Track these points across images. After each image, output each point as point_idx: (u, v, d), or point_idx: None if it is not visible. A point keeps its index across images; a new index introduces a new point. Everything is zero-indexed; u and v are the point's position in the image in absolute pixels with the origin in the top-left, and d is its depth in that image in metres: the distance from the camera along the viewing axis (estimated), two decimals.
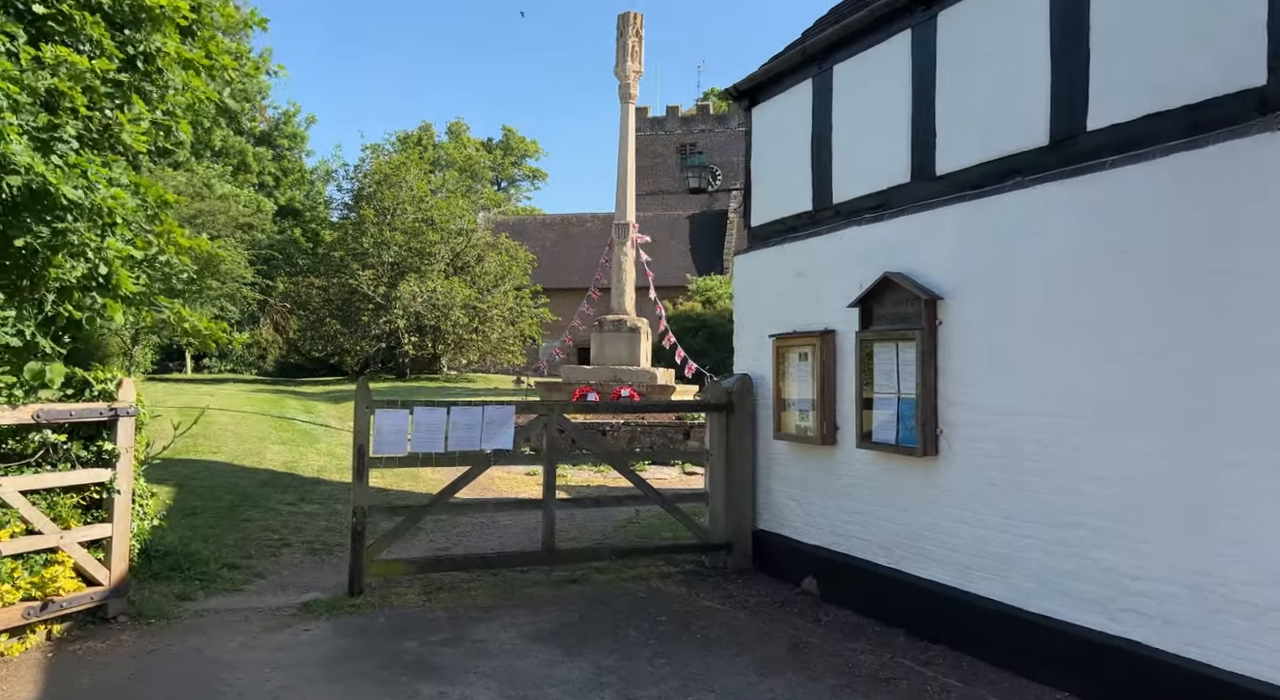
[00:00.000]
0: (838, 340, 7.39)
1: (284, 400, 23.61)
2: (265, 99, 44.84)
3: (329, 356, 41.45)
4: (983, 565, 5.87)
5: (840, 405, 7.34)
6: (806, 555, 7.70)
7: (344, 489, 11.30)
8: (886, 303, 6.76)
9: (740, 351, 8.94)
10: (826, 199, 7.75)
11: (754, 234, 8.93)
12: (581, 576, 7.96)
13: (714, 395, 8.49)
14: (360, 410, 7.44)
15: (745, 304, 8.92)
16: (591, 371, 16.11)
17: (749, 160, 9.04)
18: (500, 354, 40.13)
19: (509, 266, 40.56)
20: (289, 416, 18.32)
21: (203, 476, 11.20)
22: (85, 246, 5.87)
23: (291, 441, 14.47)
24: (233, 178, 39.64)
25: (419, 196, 39.22)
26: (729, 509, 8.35)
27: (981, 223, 5.98)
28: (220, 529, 9.00)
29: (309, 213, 45.28)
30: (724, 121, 66.96)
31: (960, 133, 6.28)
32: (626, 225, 16.62)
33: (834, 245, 7.51)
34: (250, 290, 34.39)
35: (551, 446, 8.03)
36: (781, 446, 8.09)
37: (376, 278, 37.36)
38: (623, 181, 16.72)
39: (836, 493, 7.36)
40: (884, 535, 6.80)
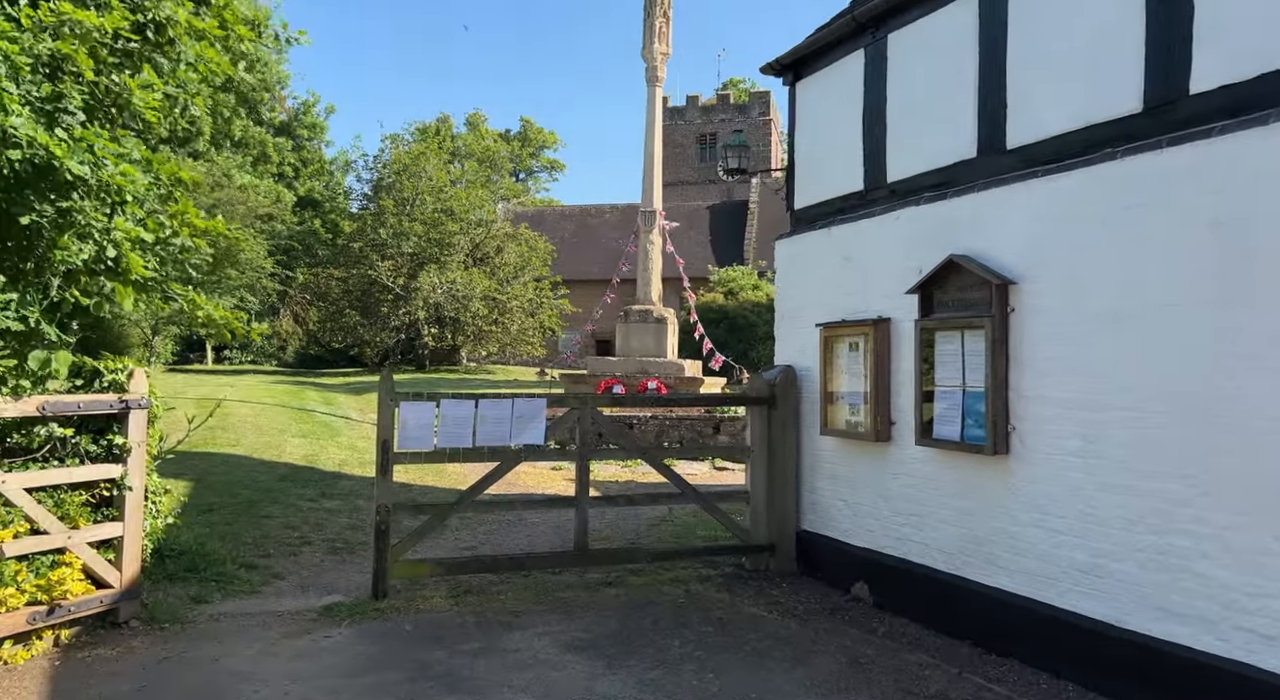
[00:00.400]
0: (892, 329, 6.89)
1: (304, 392, 23.33)
2: (284, 89, 44.62)
3: (349, 348, 41.32)
4: (1062, 575, 5.37)
5: (896, 399, 6.85)
6: (856, 559, 7.23)
7: (366, 484, 10.92)
8: (950, 288, 6.26)
9: (782, 342, 8.47)
10: (880, 178, 7.25)
11: (797, 217, 8.44)
12: (616, 579, 7.53)
13: (755, 388, 8.02)
14: (384, 403, 7.03)
15: (787, 291, 8.44)
16: (617, 363, 15.67)
17: (792, 139, 8.54)
18: (520, 346, 39.82)
19: (528, 257, 40.21)
20: (309, 408, 18.00)
21: (220, 471, 10.84)
22: (91, 227, 5.46)
23: (312, 434, 14.12)
24: (252, 168, 39.41)
25: (438, 187, 38.88)
26: (771, 509, 7.89)
27: (1061, 199, 5.47)
28: (238, 526, 8.62)
29: (328, 203, 45.02)
30: (745, 111, 66.33)
31: (1036, 102, 5.76)
32: (653, 213, 16.14)
33: (889, 227, 7.01)
34: (270, 281, 34.15)
35: (584, 442, 7.59)
36: (829, 443, 7.62)
37: (396, 269, 37.07)
38: (649, 167, 16.23)
39: (891, 493, 6.88)
40: (945, 539, 6.32)
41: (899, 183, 7.03)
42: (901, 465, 6.78)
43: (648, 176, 16.22)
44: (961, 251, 6.16)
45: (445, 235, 37.61)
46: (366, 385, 28.46)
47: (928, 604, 6.44)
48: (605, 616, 6.53)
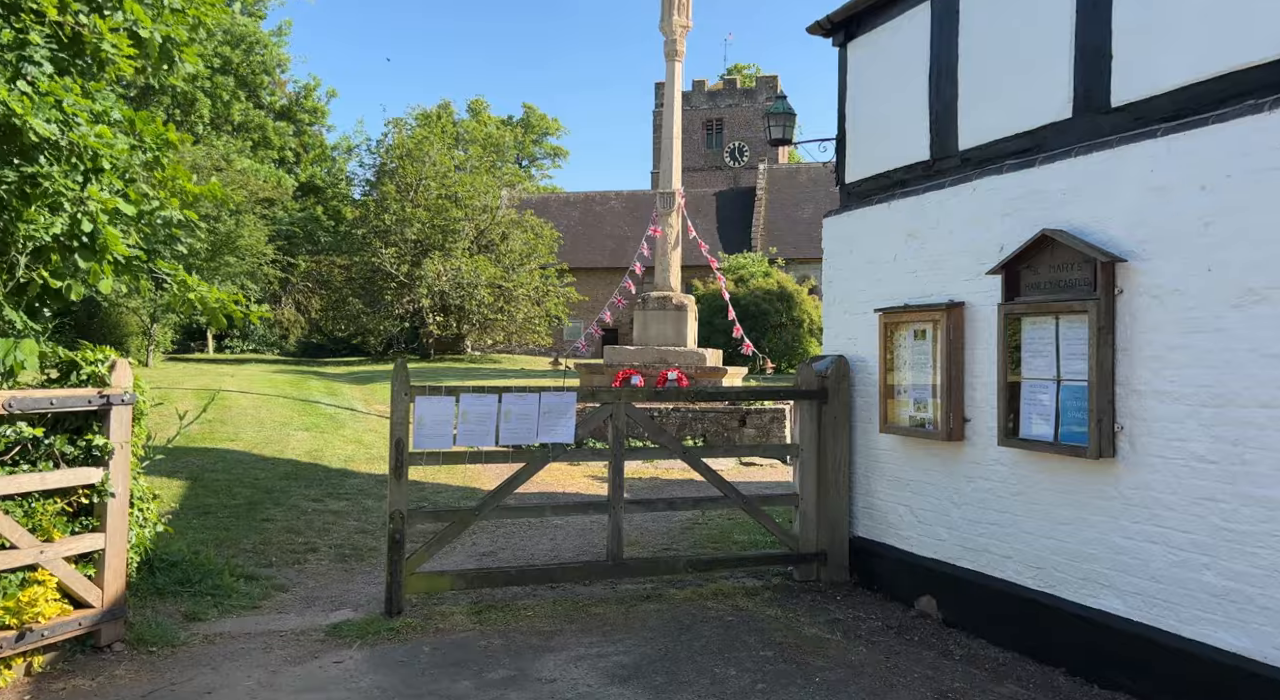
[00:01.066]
0: (968, 314, 6.14)
1: (306, 381, 22.60)
2: (285, 73, 43.73)
3: (352, 336, 40.66)
4: (1187, 599, 4.64)
5: (971, 394, 6.11)
6: (922, 570, 6.51)
7: (374, 482, 10.21)
8: (1041, 267, 5.50)
9: (831, 330, 7.72)
10: (949, 145, 6.48)
11: (848, 192, 7.68)
12: (654, 592, 6.81)
13: (804, 380, 7.27)
14: (398, 397, 6.30)
15: (838, 274, 7.68)
16: (635, 352, 14.93)
17: (842, 106, 7.76)
18: (526, 334, 39.09)
19: (534, 245, 39.43)
20: (312, 399, 17.28)
21: (218, 468, 10.12)
22: (62, 196, 4.73)
23: (316, 427, 13.40)
24: (253, 153, 38.57)
25: (442, 172, 38.09)
26: (822, 513, 7.16)
27: (1187, 162, 4.71)
28: (237, 531, 7.91)
29: (330, 189, 44.20)
30: (751, 96, 65.33)
31: (1150, 50, 4.99)
32: (672, 194, 15.36)
33: (962, 199, 6.25)
34: (271, 268, 33.38)
35: (618, 440, 6.86)
36: (889, 442, 6.88)
37: (399, 256, 36.30)
38: (668, 146, 15.45)
39: (965, 498, 6.15)
40: (1033, 552, 5.59)
41: (973, 150, 6.26)
42: (978, 467, 6.04)
43: (666, 156, 15.44)
44: (1056, 225, 5.41)
45: (450, 222, 36.83)
46: (371, 375, 27.76)
47: (1010, 624, 5.71)
48: (648, 637, 5.81)
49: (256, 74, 40.00)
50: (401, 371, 6.38)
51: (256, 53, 39.57)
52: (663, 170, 15.44)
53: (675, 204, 15.42)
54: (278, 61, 41.66)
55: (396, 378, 6.36)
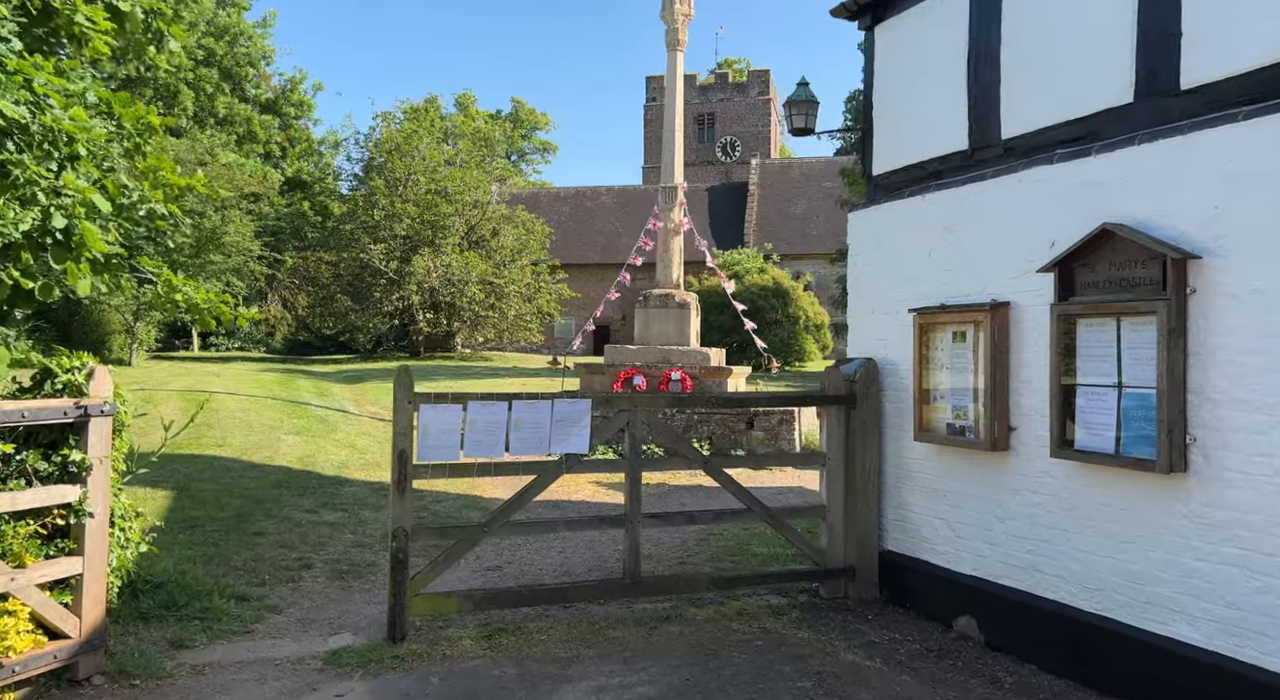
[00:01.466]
0: (1014, 315, 5.74)
1: (295, 381, 22.07)
2: (270, 65, 43.00)
3: (340, 334, 40.08)
4: (1274, 628, 4.25)
5: (1017, 400, 5.71)
6: (961, 588, 6.10)
7: (370, 490, 9.74)
8: (1099, 265, 5.10)
9: (858, 331, 7.30)
10: (991, 133, 6.07)
11: (877, 184, 7.26)
12: (674, 612, 6.38)
13: (832, 384, 6.85)
14: (401, 406, 5.84)
15: (865, 271, 7.27)
16: (637, 352, 14.49)
17: (869, 93, 7.34)
18: (517, 331, 38.60)
19: (526, 240, 38.92)
20: (302, 401, 16.76)
21: (206, 477, 9.62)
22: (35, 186, 4.25)
23: (307, 431, 12.90)
24: (238, 147, 37.87)
25: (432, 166, 37.52)
26: (850, 525, 6.75)
27: (1270, 149, 4.31)
28: (226, 546, 7.43)
29: (317, 184, 43.52)
30: (743, 90, 64.91)
31: (1227, 27, 4.59)
32: (675, 188, 14.91)
33: (1006, 192, 5.84)
34: (257, 264, 32.76)
35: (636, 450, 6.42)
36: (924, 450, 6.47)
37: (388, 252, 35.74)
38: (669, 139, 15.00)
39: (1010, 512, 5.75)
40: (1089, 573, 5.19)
41: (1018, 139, 5.85)
42: (1025, 480, 5.64)
43: (668, 149, 14.99)
44: (1116, 219, 5.00)
45: (439, 217, 36.28)
46: (360, 374, 27.23)
47: (1063, 649, 5.32)
48: (673, 666, 5.39)
49: (241, 66, 39.25)
50: (404, 378, 5.92)
51: (240, 45, 38.84)
52: (664, 163, 14.99)
53: (677, 198, 14.98)
54: (262, 53, 40.92)
55: (399, 385, 5.91)
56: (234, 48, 38.64)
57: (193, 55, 36.36)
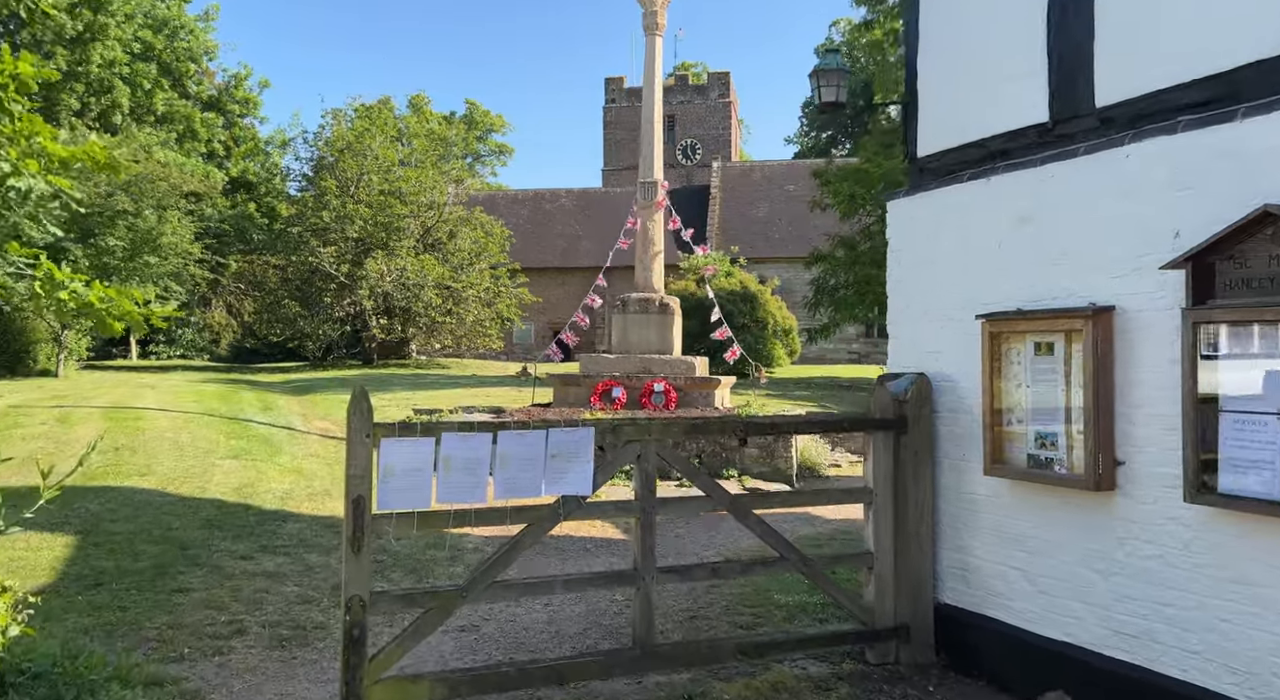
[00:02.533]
0: (1121, 322, 4.66)
1: (237, 393, 20.45)
2: (213, 61, 40.99)
3: (288, 341, 38.31)
4: None
5: (1128, 429, 4.63)
6: (1046, 655, 5.01)
7: (319, 527, 8.39)
8: (1256, 258, 4.03)
9: (902, 340, 6.19)
10: (1080, 101, 4.99)
11: (922, 167, 6.16)
12: (695, 690, 5.17)
13: (879, 406, 5.72)
14: (357, 440, 4.59)
15: (909, 272, 6.16)
16: (615, 361, 13.29)
17: (911, 61, 6.25)
18: (476, 338, 37.15)
19: (485, 243, 37.50)
20: (243, 417, 15.25)
21: (121, 516, 8.16)
22: None
23: (246, 453, 11.46)
24: (178, 145, 35.87)
25: (385, 166, 35.93)
26: (902, 575, 5.63)
27: None
28: (138, 609, 6.06)
29: (264, 185, 41.58)
30: (704, 92, 64.06)
31: None
32: (655, 184, 13.75)
33: (1107, 171, 4.77)
34: (198, 268, 30.90)
35: (648, 490, 5.23)
36: (994, 486, 5.37)
37: (339, 255, 34.05)
38: (649, 130, 13.85)
39: (1117, 566, 4.66)
40: (1239, 651, 4.11)
41: (1120, 106, 4.77)
42: (1140, 527, 4.55)
43: (646, 141, 13.84)
44: (1274, 199, 3.93)
45: (393, 218, 34.69)
46: (309, 383, 25.64)
47: None
48: None
49: (181, 61, 37.20)
50: (361, 405, 4.67)
51: (181, 39, 36.82)
52: (642, 157, 13.84)
53: (657, 195, 13.82)
54: (205, 49, 38.90)
55: (355, 413, 4.65)
56: (174, 42, 36.59)
57: (129, 48, 34.30)
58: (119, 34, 33.06)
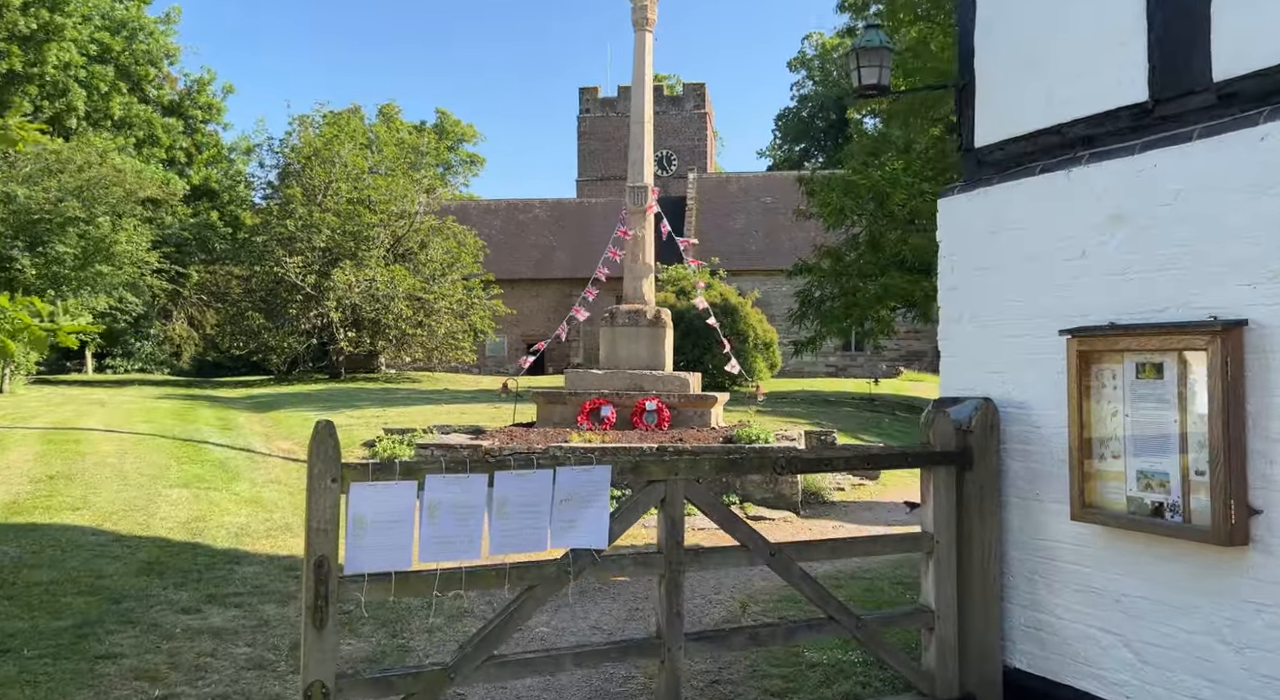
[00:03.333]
0: (1253, 339, 3.85)
1: (194, 411, 19.27)
2: (174, 65, 39.60)
3: (252, 354, 37.00)
4: None
5: (1267, 468, 3.81)
6: None
7: (278, 571, 7.37)
8: None
9: (960, 359, 5.36)
10: (1191, 75, 4.20)
11: (982, 159, 5.35)
12: None
13: (939, 436, 4.86)
14: (320, 485, 3.68)
15: (968, 279, 5.34)
16: (604, 377, 12.39)
17: (967, 30, 5.45)
18: (448, 350, 36.05)
19: (457, 253, 36.45)
20: (198, 438, 14.13)
21: (46, 561, 7.05)
22: None
23: (199, 481, 10.39)
24: (137, 151, 34.45)
25: (354, 174, 34.82)
26: (967, 636, 4.79)
27: None
28: (52, 684, 5.01)
29: (227, 193, 40.18)
30: (678, 103, 63.50)
31: None
32: (645, 189, 12.90)
33: (1234, 158, 3.97)
34: (156, 278, 29.56)
35: (674, 540, 4.34)
36: (1083, 534, 4.54)
37: (306, 265, 32.85)
38: (639, 132, 13.01)
39: (1252, 637, 3.84)
40: None
41: (1249, 78, 3.98)
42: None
43: (636, 144, 13.00)
44: None
45: (363, 227, 33.57)
46: (273, 399, 24.45)
47: None
48: None
49: (141, 64, 35.78)
50: (325, 441, 3.74)
51: (140, 41, 35.39)
52: (631, 161, 12.99)
53: (647, 200, 12.98)
54: (166, 52, 37.50)
55: (319, 450, 3.73)
56: (133, 44, 35.13)
57: (84, 50, 32.87)
58: (75, 35, 31.67)
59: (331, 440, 3.76)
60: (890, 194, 20.94)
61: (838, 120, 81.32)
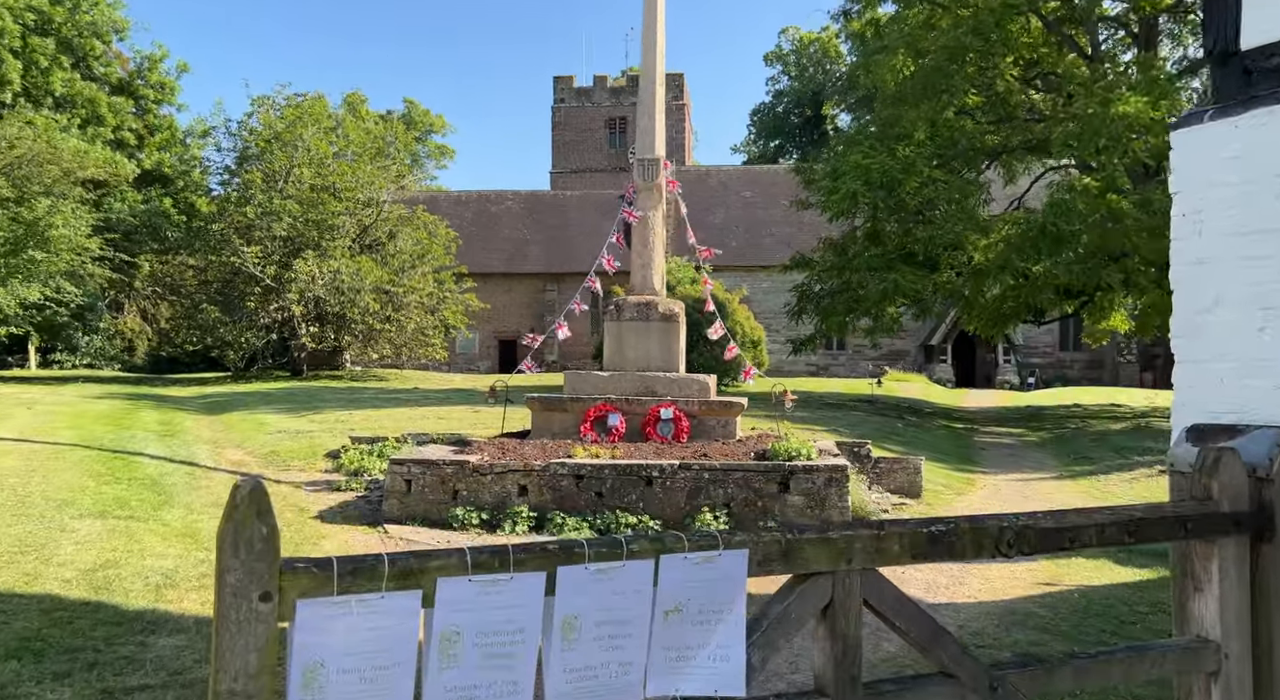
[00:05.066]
0: None
1: (135, 413, 17.20)
2: (123, 40, 37.09)
3: (208, 349, 34.76)
4: None
5: None
6: None
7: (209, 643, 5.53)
8: None
9: (1216, 361, 3.64)
10: None
11: (1250, 68, 3.63)
12: None
13: (1228, 489, 3.13)
14: (238, 608, 1.87)
15: (1222, 245, 3.63)
16: (608, 380, 10.61)
17: None
18: (417, 347, 34.02)
19: (428, 244, 34.45)
20: (132, 449, 12.12)
21: None
22: None
23: (119, 508, 8.42)
24: (81, 131, 32.00)
25: (318, 159, 32.67)
26: None
27: None
28: None
29: (181, 179, 37.82)
30: None
31: None
32: (657, 161, 11.14)
33: None
34: (99, 267, 27.24)
35: (847, 671, 2.58)
36: None
37: (265, 255, 30.71)
38: (648, 96, 11.23)
39: None
40: None
41: None
42: None
43: (645, 109, 11.22)
44: None
45: (327, 216, 31.48)
46: (228, 399, 22.37)
47: None
48: None
49: (85, 38, 33.29)
50: (247, 528, 1.94)
51: (84, 11, 32.92)
52: (640, 129, 11.23)
53: (658, 175, 11.21)
54: (114, 25, 35.04)
55: (234, 542, 1.94)
56: (75, 15, 32.65)
57: (20, 19, 30.37)
58: (9, 2, 29.18)
59: (260, 522, 1.98)
60: (903, 180, 19.37)
61: (814, 116, 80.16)
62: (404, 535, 8.72)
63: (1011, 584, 7.35)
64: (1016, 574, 7.55)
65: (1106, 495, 11.64)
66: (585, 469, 9.07)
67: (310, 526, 8.74)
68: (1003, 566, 7.46)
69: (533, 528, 8.95)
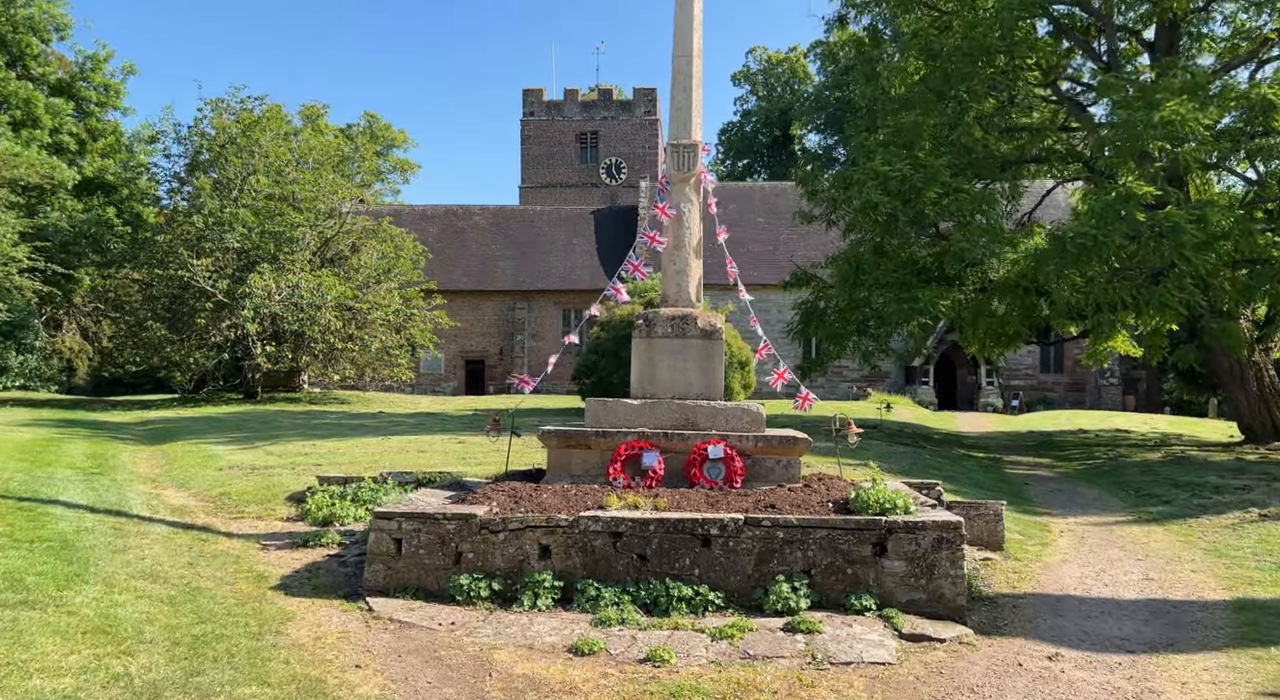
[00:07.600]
0: None
1: (61, 445, 14.87)
2: (64, 39, 34.51)
3: (154, 370, 32.19)
4: None
5: None
6: None
7: None
8: None
9: None
10: None
11: None
12: None
13: None
14: None
15: None
16: (640, 409, 8.67)
17: None
18: (382, 367, 31.74)
19: (394, 259, 32.29)
20: (45, 496, 9.90)
21: None
22: None
23: (8, 586, 6.29)
24: (14, 133, 29.39)
25: (276, 166, 30.42)
26: None
27: None
28: None
29: (127, 188, 35.21)
30: (628, 108, 60.18)
31: None
32: (694, 148, 9.30)
33: None
34: (28, 280, 24.68)
35: None
36: None
37: (217, 268, 28.34)
38: (685, 68, 9.40)
39: None
40: None
41: None
42: None
43: (681, 85, 9.39)
44: None
45: (285, 227, 29.21)
46: (173, 426, 20.02)
47: None
48: None
49: (21, 34, 30.76)
50: None
51: (21, 6, 30.41)
52: (676, 106, 9.38)
53: (696, 165, 9.37)
54: (54, 22, 32.52)
55: None
56: (11, 9, 30.13)
57: None
58: None
59: None
60: (922, 190, 17.77)
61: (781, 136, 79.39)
62: (394, 615, 6.70)
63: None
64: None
65: (1217, 547, 9.93)
66: (624, 525, 7.14)
67: (271, 603, 6.69)
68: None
69: (558, 601, 7.00)
